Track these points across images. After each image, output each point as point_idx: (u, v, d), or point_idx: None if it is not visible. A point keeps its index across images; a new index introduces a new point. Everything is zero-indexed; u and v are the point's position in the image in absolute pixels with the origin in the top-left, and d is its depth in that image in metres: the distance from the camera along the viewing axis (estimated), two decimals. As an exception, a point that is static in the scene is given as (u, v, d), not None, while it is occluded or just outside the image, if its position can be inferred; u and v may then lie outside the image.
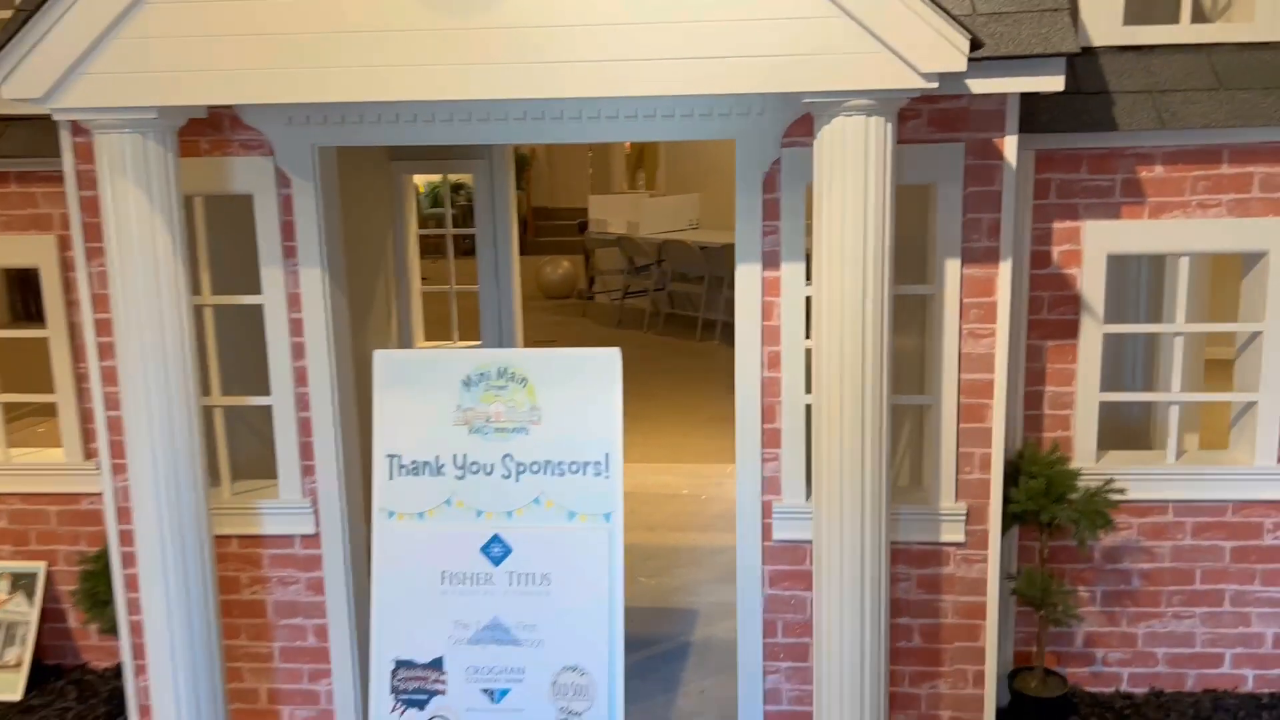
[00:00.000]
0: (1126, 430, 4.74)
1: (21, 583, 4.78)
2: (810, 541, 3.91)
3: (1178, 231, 4.10)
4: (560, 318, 15.25)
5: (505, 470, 3.54)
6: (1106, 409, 4.36)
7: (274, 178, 3.85)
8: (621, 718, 3.44)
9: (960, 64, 2.90)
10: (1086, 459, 4.25)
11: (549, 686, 3.49)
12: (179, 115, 3.28)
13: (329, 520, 4.06)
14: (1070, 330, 4.20)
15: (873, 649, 3.34)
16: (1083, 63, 4.08)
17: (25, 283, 6.10)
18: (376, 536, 3.56)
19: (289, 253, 3.91)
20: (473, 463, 3.55)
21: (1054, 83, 3.33)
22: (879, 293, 3.13)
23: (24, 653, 4.71)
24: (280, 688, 4.27)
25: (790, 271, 3.76)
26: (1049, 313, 4.20)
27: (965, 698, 4.05)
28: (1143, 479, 4.26)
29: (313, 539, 4.11)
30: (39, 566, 4.79)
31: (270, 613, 4.21)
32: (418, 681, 3.53)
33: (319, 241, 3.89)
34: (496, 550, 3.53)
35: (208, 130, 3.84)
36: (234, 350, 4.32)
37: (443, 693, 3.53)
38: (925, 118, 3.66)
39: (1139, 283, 4.70)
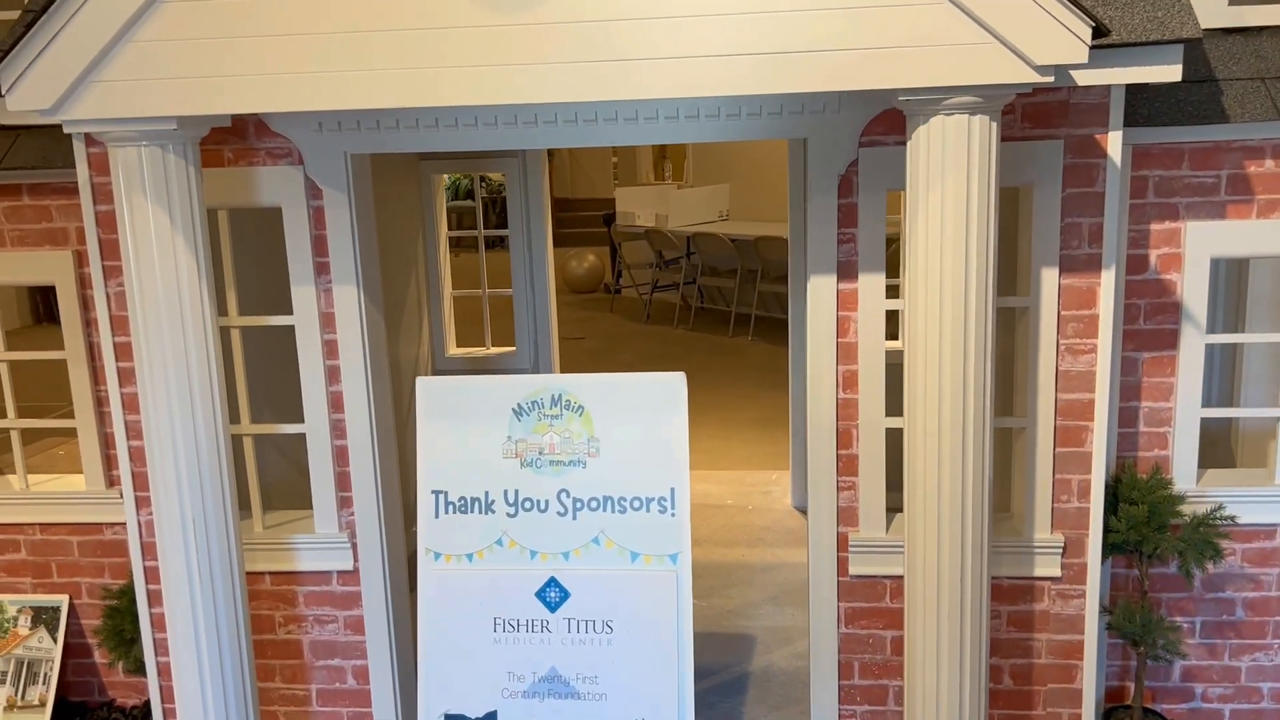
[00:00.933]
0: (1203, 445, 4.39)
1: (44, 618, 4.53)
2: (891, 577, 3.59)
3: (1289, 232, 3.73)
4: (587, 313, 14.95)
5: (561, 507, 3.23)
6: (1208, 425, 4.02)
7: (304, 188, 3.55)
8: (693, 778, 3.14)
9: (1082, 55, 2.55)
10: (1187, 481, 3.90)
11: (613, 744, 3.19)
12: (201, 125, 2.98)
13: (368, 555, 3.78)
14: (1169, 341, 3.85)
15: (972, 695, 3.02)
16: (1187, 48, 3.71)
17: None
18: (422, 580, 3.27)
19: (321, 269, 3.61)
20: (525, 499, 3.25)
21: (1170, 72, 2.98)
22: (982, 306, 2.80)
23: (48, 691, 4.45)
24: (318, 732, 4.00)
25: (869, 283, 3.43)
26: (1145, 322, 3.84)
27: (1060, 743, 3.73)
28: (1247, 501, 3.90)
29: (351, 575, 3.82)
30: (61, 600, 4.53)
31: (307, 653, 3.93)
32: (470, 738, 3.24)
33: (354, 257, 3.59)
34: (553, 594, 3.23)
35: (231, 138, 3.54)
36: (264, 374, 4.03)
37: (497, 750, 3.23)
38: (1020, 112, 3.32)
39: (1215, 287, 4.35)
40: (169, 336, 3.01)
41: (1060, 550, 3.56)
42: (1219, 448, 4.35)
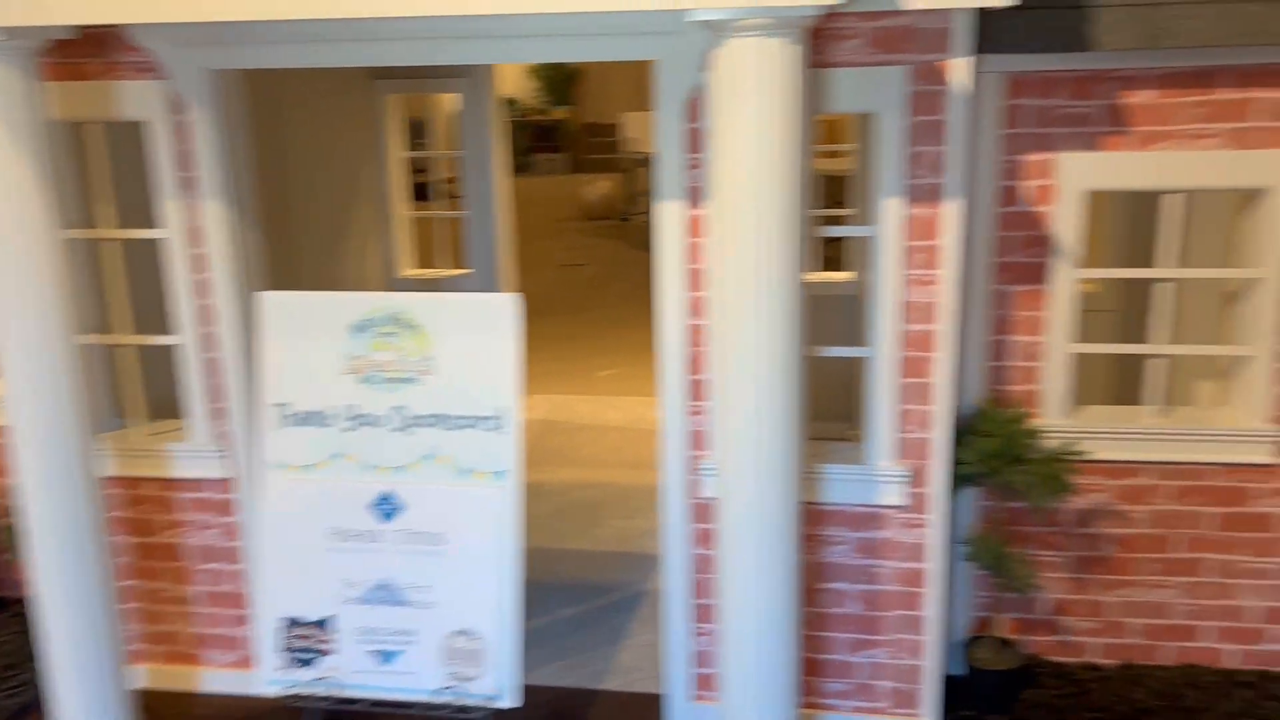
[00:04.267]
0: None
1: (-34, 515, 4.75)
2: (737, 501, 3.65)
3: (1167, 165, 3.64)
4: (595, 240, 14.94)
5: (396, 423, 3.32)
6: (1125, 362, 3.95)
7: (167, 103, 3.61)
8: (514, 684, 3.26)
9: (864, -24, 2.50)
10: (1056, 416, 3.88)
11: (439, 650, 3.31)
12: (34, 36, 3.04)
13: (241, 465, 3.90)
14: (1041, 274, 3.80)
15: (779, 613, 3.09)
16: (1061, -29, 3.59)
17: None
18: (264, 489, 3.39)
19: (188, 184, 3.68)
20: (362, 414, 3.34)
21: (1002, -4, 2.90)
22: (785, 235, 2.79)
23: (-31, 584, 4.69)
24: (203, 632, 4.18)
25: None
26: (1019, 255, 3.79)
27: (906, 668, 3.79)
28: (1119, 439, 3.88)
29: (226, 483, 3.96)
30: (-17, 499, 4.74)
31: (189, 557, 4.10)
32: (306, 640, 3.39)
33: (221, 172, 3.65)
34: (387, 507, 3.33)
35: (94, 51, 3.59)
36: (155, 287, 4.14)
37: (331, 652, 3.37)
38: (866, 38, 3.26)
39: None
40: (11, 247, 3.11)
41: (905, 480, 3.58)
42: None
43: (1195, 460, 3.86)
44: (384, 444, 3.32)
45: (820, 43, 3.24)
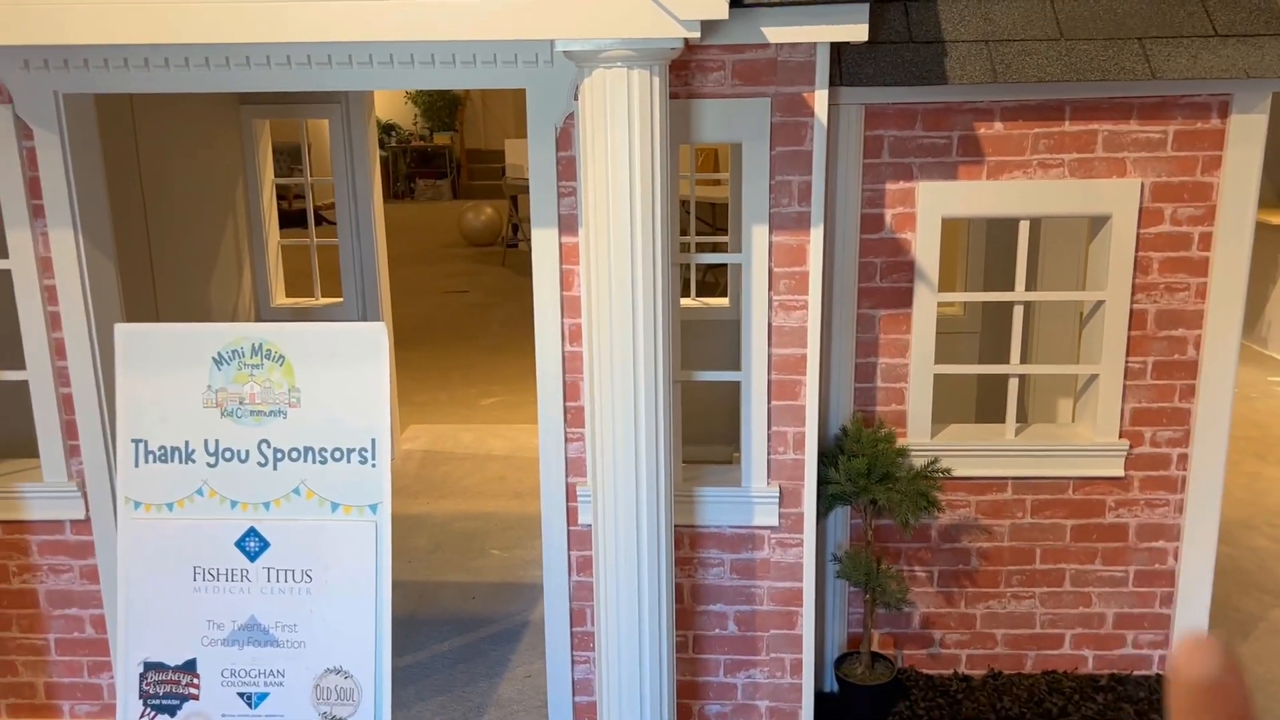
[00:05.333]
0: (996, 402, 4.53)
1: None
2: (614, 527, 3.65)
3: (1017, 193, 3.82)
4: (479, 266, 14.84)
5: (262, 457, 3.22)
6: (988, 382, 4.12)
7: (14, 128, 3.45)
8: (389, 722, 3.18)
9: (721, 11, 2.57)
10: (921, 435, 4.01)
11: (311, 689, 3.21)
12: None
13: (98, 504, 3.73)
14: (905, 299, 3.94)
15: (655, 638, 3.10)
16: (918, 8, 3.76)
17: None
18: (121, 529, 3.25)
19: (37, 212, 3.53)
20: (226, 449, 3.23)
21: (857, 32, 3.02)
22: (651, 262, 2.83)
23: None
24: (59, 681, 3.97)
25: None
26: (882, 280, 3.93)
27: (784, 687, 3.85)
28: (980, 456, 4.04)
29: (84, 524, 3.78)
30: None
31: (44, 602, 3.89)
32: (169, 685, 3.24)
33: (70, 200, 3.51)
34: (253, 544, 3.22)
35: (-66, 75, 3.42)
36: (5, 319, 3.94)
37: (196, 697, 3.24)
38: (730, 69, 3.34)
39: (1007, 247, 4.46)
40: None
41: (777, 500, 3.65)
42: (1021, 405, 4.48)
43: (1052, 475, 4.04)
44: (249, 479, 3.22)
45: (685, 74, 3.31)
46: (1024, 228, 3.89)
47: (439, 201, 21.11)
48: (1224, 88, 3.68)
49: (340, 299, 6.67)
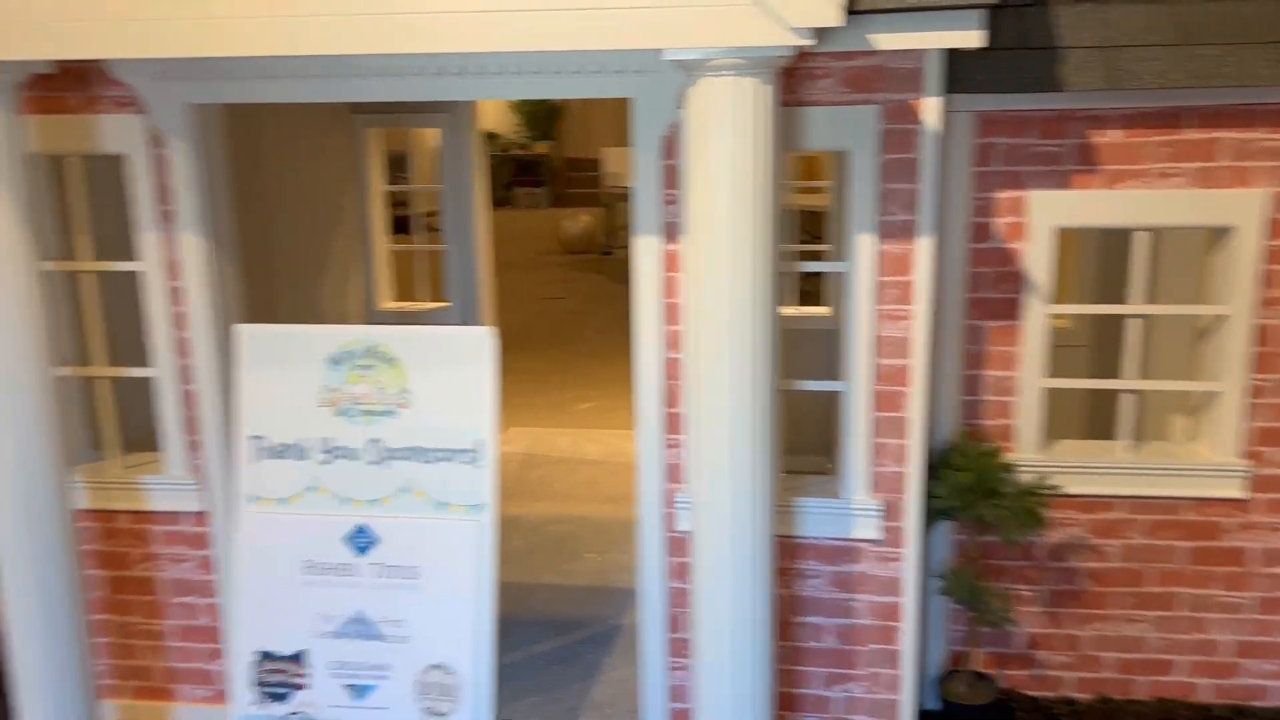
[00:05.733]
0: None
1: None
2: (713, 535, 3.65)
3: (1135, 203, 3.71)
4: (576, 273, 15.00)
5: (372, 456, 3.32)
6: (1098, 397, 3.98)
7: (146, 137, 3.62)
8: (488, 719, 3.24)
9: (834, 18, 2.56)
10: (1030, 450, 3.91)
11: (414, 685, 3.29)
12: (15, 70, 3.06)
13: (217, 498, 3.88)
14: (1014, 310, 3.85)
15: (753, 648, 3.09)
16: (1033, 14, 3.67)
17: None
18: (238, 522, 3.37)
19: (166, 217, 3.69)
20: (339, 447, 3.33)
21: (970, 38, 2.97)
22: (756, 271, 2.83)
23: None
24: (177, 667, 4.14)
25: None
26: (991, 291, 3.85)
27: (882, 703, 3.79)
28: (1091, 473, 3.92)
29: (202, 516, 3.94)
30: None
31: (163, 591, 4.06)
32: (280, 674, 3.36)
33: (199, 206, 3.66)
34: (362, 540, 3.32)
35: (75, 86, 3.61)
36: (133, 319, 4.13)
37: (305, 687, 3.34)
38: (839, 77, 3.32)
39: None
40: (-17, 278, 3.11)
41: (879, 513, 3.60)
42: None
43: (1167, 495, 3.90)
44: (359, 477, 3.32)
45: (794, 81, 3.30)
46: (1140, 239, 3.77)
47: (538, 209, 21.42)
48: (1361, 93, 3.51)
49: (445, 303, 6.81)
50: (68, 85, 3.60)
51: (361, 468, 3.32)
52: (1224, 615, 4.00)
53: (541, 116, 22.51)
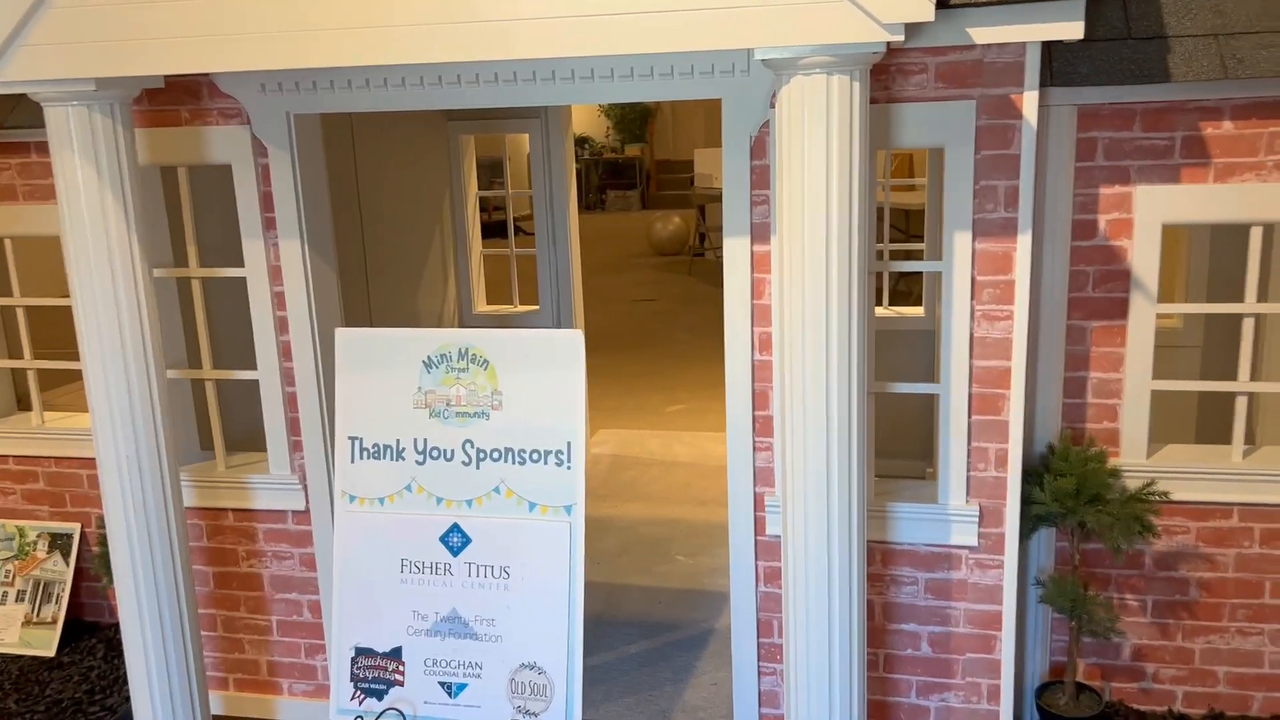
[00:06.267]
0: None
1: (59, 543, 4.93)
2: (804, 538, 3.61)
3: (1248, 197, 3.54)
4: (667, 275, 15.02)
5: (466, 456, 3.37)
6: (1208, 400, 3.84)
7: (251, 147, 3.75)
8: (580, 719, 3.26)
9: (925, 12, 2.50)
10: (1136, 454, 3.77)
11: (506, 683, 3.33)
12: (125, 86, 3.19)
13: (318, 497, 4.00)
14: (1119, 310, 3.71)
15: (846, 655, 3.04)
16: (1138, 3, 3.54)
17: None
18: (337, 521, 3.46)
19: (269, 225, 3.81)
20: (433, 448, 3.39)
21: (1071, 30, 2.87)
22: (846, 272, 2.78)
23: (59, 610, 4.86)
24: (279, 661, 4.27)
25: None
26: (1094, 290, 3.72)
27: (979, 713, 3.70)
28: (1202, 479, 3.76)
29: (304, 514, 4.06)
30: (74, 528, 4.92)
31: (267, 586, 4.20)
32: (377, 670, 3.43)
33: (297, 213, 3.77)
34: (456, 540, 3.37)
35: (187, 99, 3.76)
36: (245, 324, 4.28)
37: (401, 684, 3.41)
38: (933, 72, 3.25)
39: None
40: (99, 285, 3.25)
41: (977, 519, 3.51)
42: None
43: (1284, 502, 3.72)
44: (453, 477, 3.37)
45: (886, 78, 3.24)
46: (1255, 234, 3.60)
47: (628, 212, 21.51)
48: None
49: (536, 306, 6.89)
50: (176, 99, 3.75)
51: (455, 468, 3.37)
52: (1348, 630, 3.80)
53: (633, 120, 22.60)
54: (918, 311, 5.90)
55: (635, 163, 22.53)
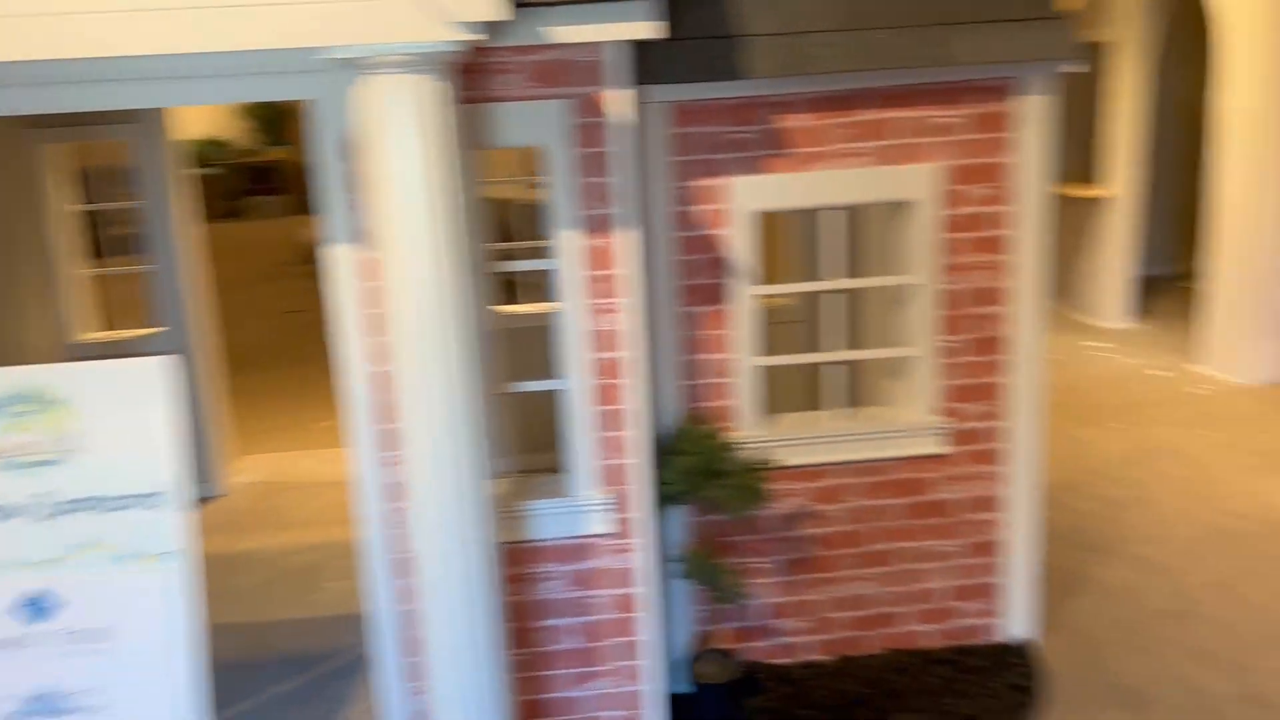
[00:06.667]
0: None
1: None
2: (443, 550, 3.52)
3: (824, 184, 3.87)
4: (315, 284, 14.30)
5: (40, 512, 2.96)
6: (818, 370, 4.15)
7: None
8: (207, 783, 2.97)
9: (501, 12, 2.48)
10: (750, 428, 4.02)
11: (117, 758, 2.97)
12: None
13: None
14: (723, 294, 3.93)
15: (486, 662, 2.99)
16: (716, 4, 3.74)
17: None
18: (-118, 605, 2.93)
19: None
20: None
21: (647, 29, 2.97)
22: (451, 272, 2.72)
23: None
24: None
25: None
26: (700, 277, 3.91)
27: (631, 695, 3.80)
28: (808, 444, 4.07)
29: None
30: None
31: None
32: (-48, 772, 2.95)
33: None
34: (37, 607, 2.96)
35: None
36: None
37: (-14, 782, 2.95)
38: (524, 72, 3.25)
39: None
40: None
41: (610, 506, 3.58)
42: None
43: (877, 457, 4.11)
44: (29, 536, 2.95)
45: (476, 77, 3.19)
46: (829, 217, 3.94)
47: (275, 218, 20.31)
48: (1008, 71, 3.80)
49: (158, 329, 6.28)
50: None
51: (30, 526, 2.96)
52: (937, 564, 4.27)
53: (273, 120, 21.34)
54: (547, 308, 5.96)
55: (279, 166, 21.31)
